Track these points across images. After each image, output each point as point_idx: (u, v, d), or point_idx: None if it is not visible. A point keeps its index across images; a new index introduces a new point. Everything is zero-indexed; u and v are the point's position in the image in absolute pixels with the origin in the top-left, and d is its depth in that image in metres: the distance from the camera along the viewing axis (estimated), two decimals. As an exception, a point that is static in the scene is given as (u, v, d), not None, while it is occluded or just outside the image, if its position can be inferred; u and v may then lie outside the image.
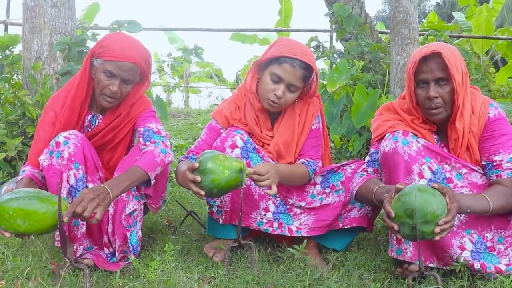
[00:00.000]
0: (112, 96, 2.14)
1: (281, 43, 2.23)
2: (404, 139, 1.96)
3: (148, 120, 2.27)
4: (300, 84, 2.21)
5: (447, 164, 1.96)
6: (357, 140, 4.06)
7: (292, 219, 2.30)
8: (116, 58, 2.08)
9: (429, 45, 1.99)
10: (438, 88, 1.96)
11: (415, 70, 1.98)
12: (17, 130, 3.62)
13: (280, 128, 2.32)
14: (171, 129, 6.10)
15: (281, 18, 9.57)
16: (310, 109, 2.36)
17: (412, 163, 1.94)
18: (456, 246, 1.92)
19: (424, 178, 1.93)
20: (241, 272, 2.08)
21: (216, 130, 2.34)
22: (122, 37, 2.18)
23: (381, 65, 5.17)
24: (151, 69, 2.27)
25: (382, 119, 2.15)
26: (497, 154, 1.98)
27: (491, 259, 1.92)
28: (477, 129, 2.01)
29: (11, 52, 3.89)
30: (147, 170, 2.02)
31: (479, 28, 8.39)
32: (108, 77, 2.11)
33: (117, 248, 2.14)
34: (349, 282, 1.98)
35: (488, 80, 6.14)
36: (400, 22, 4.44)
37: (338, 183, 2.33)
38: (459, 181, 1.97)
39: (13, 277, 2.02)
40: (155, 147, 2.13)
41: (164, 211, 3.02)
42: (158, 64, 4.47)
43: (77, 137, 2.11)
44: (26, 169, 2.17)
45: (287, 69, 2.16)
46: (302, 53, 2.17)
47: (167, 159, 2.14)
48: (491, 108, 2.02)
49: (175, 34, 11.16)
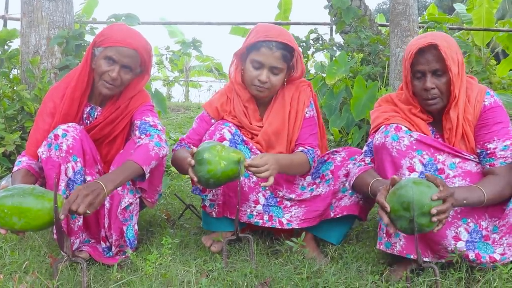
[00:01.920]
0: (111, 82, 2.13)
1: (256, 29, 2.24)
2: (394, 134, 1.96)
3: (145, 114, 2.27)
4: (282, 65, 2.22)
5: (440, 155, 1.96)
6: (356, 133, 4.05)
7: (283, 211, 2.30)
8: (117, 43, 2.08)
9: (425, 36, 1.99)
10: (434, 79, 1.97)
11: (411, 61, 1.98)
12: (16, 124, 3.61)
13: (270, 118, 2.33)
14: (171, 123, 6.09)
15: (281, 11, 9.52)
16: (302, 97, 2.36)
17: (401, 158, 1.94)
18: (450, 237, 1.91)
19: (415, 171, 1.93)
20: (239, 265, 2.08)
21: (206, 119, 2.36)
22: (124, 27, 2.19)
23: (381, 57, 5.15)
24: (151, 63, 2.27)
25: (380, 111, 2.15)
26: (491, 142, 1.97)
27: (485, 248, 1.92)
28: (473, 117, 2.01)
29: (9, 46, 3.87)
30: (142, 164, 2.02)
31: (480, 20, 8.35)
32: (108, 63, 2.11)
33: (114, 242, 2.14)
34: (348, 275, 1.98)
35: (489, 72, 6.13)
36: (399, 14, 4.42)
37: (328, 172, 2.33)
38: (452, 170, 1.96)
39: (11, 271, 2.03)
40: (149, 140, 2.13)
41: (162, 205, 3.01)
42: (158, 57, 4.45)
43: (75, 130, 2.10)
44: (22, 160, 2.15)
45: (265, 53, 2.17)
46: (277, 34, 2.18)
47: (162, 152, 2.14)
48: (487, 97, 2.03)
49: (175, 28, 11.12)
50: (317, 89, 4.66)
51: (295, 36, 5.39)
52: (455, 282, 1.88)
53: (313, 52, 5.45)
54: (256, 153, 2.26)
